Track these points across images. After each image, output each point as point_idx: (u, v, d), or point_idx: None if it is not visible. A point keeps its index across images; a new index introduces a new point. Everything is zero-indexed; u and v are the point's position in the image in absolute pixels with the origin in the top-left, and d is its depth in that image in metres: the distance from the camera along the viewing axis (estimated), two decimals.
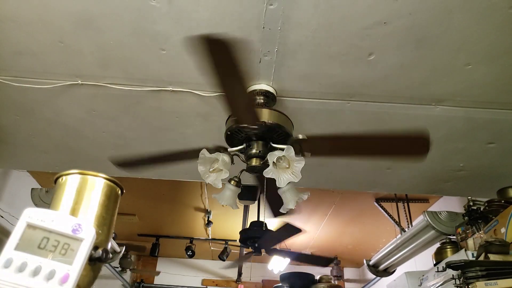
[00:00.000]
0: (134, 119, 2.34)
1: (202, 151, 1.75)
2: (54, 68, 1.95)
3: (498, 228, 2.22)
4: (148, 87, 2.04)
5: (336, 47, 1.73)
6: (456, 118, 2.17)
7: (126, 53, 1.83)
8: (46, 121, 2.38)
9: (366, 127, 2.27)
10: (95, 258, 0.68)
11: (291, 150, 1.64)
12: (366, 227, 5.25)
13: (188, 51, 1.79)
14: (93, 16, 1.64)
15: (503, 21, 1.57)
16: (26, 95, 2.14)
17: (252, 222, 3.71)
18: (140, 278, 6.46)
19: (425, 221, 3.18)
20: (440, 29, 1.62)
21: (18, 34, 1.75)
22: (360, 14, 1.56)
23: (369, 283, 6.03)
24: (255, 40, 1.71)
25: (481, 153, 2.49)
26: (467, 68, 1.82)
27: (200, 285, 6.67)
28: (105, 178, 0.79)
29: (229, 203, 1.91)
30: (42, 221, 0.64)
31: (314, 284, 4.57)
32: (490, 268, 1.84)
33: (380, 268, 4.38)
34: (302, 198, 1.83)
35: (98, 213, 0.75)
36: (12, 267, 0.60)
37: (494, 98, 2.01)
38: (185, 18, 1.62)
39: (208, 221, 5.16)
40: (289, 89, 2.01)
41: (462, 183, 2.87)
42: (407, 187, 3.08)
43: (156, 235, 5.94)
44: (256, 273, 6.65)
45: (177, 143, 2.55)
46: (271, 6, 1.54)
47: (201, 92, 2.05)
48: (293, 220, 5.12)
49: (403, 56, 1.77)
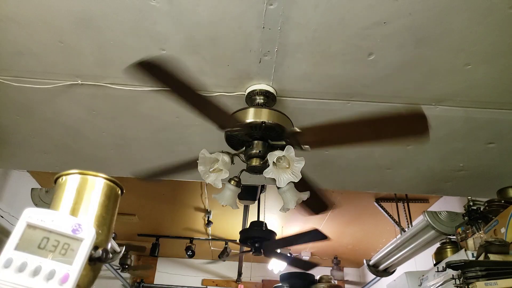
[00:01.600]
0: (134, 119, 2.34)
1: (202, 151, 1.75)
2: (54, 68, 1.95)
3: (498, 228, 2.22)
4: (148, 87, 2.04)
5: (336, 47, 1.73)
6: (456, 118, 2.17)
7: (126, 53, 1.83)
8: (46, 121, 2.38)
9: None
10: (95, 258, 0.67)
11: (291, 150, 1.64)
12: (366, 227, 5.25)
13: (188, 51, 1.79)
14: (93, 16, 1.64)
15: (503, 21, 1.57)
16: (26, 95, 2.14)
17: (252, 222, 3.71)
18: (140, 278, 6.46)
19: (425, 221, 3.18)
20: (440, 29, 1.62)
21: (18, 34, 1.75)
22: (360, 14, 1.56)
23: (369, 283, 6.03)
24: (255, 40, 1.71)
25: (481, 153, 2.49)
26: (467, 68, 1.82)
27: (200, 285, 6.67)
28: (105, 178, 0.79)
29: (229, 203, 1.91)
30: (42, 221, 0.64)
31: (314, 284, 4.57)
32: (490, 268, 1.84)
33: (380, 268, 4.38)
34: (302, 198, 1.83)
35: (98, 213, 0.75)
36: (12, 267, 0.60)
37: (494, 98, 2.01)
38: (185, 18, 1.62)
39: (208, 221, 5.16)
40: (289, 89, 2.01)
41: (462, 183, 2.87)
42: (407, 187, 3.08)
43: (156, 235, 5.94)
44: (256, 273, 6.65)
45: (177, 143, 2.55)
46: (271, 6, 1.54)
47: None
48: (293, 220, 5.14)
49: (403, 56, 1.77)
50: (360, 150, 2.54)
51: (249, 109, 1.84)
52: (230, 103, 2.08)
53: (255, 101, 1.97)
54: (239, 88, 2.01)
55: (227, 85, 2.00)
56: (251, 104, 1.99)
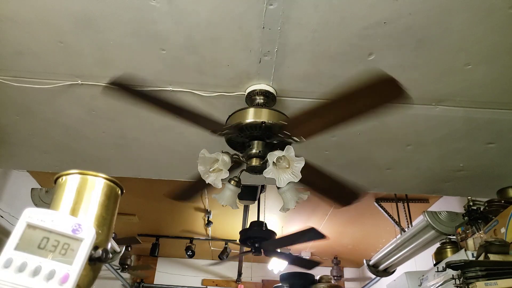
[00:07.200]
0: (134, 119, 2.34)
1: (202, 151, 1.75)
2: (54, 68, 1.95)
3: (498, 228, 2.22)
4: (147, 87, 2.04)
5: (336, 47, 1.73)
6: (456, 118, 2.17)
7: (126, 53, 1.83)
8: (46, 121, 2.38)
9: (366, 127, 2.27)
10: (95, 258, 0.67)
11: (291, 150, 1.64)
12: (366, 227, 5.25)
13: (188, 51, 1.79)
14: (93, 16, 1.64)
15: (503, 21, 1.57)
16: (26, 95, 2.14)
17: (252, 222, 3.71)
18: (140, 278, 6.46)
19: (425, 221, 3.18)
20: (440, 29, 1.62)
21: (18, 34, 1.75)
22: (360, 14, 1.56)
23: (369, 283, 6.03)
24: (255, 40, 1.71)
25: (481, 153, 2.49)
26: (467, 68, 1.82)
27: (200, 285, 6.67)
28: (105, 178, 0.79)
29: (229, 203, 1.91)
30: (42, 221, 0.64)
31: (314, 284, 4.56)
32: (490, 268, 1.84)
33: (380, 268, 4.38)
34: (302, 198, 1.83)
35: (98, 213, 0.75)
36: (12, 267, 0.60)
37: (494, 98, 2.01)
38: (185, 18, 1.62)
39: (208, 221, 5.16)
40: (289, 89, 2.01)
41: (462, 183, 2.87)
42: (407, 187, 3.08)
43: (156, 235, 5.94)
44: (256, 273, 6.65)
45: (177, 143, 2.55)
46: (271, 6, 1.54)
47: (201, 92, 2.05)
48: (293, 220, 5.15)
49: (403, 56, 1.77)
50: (360, 150, 2.54)
51: (249, 109, 1.85)
52: (230, 103, 2.08)
53: (255, 101, 1.97)
54: (239, 88, 2.01)
55: (227, 85, 2.00)
56: (251, 104, 1.99)
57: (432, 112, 2.12)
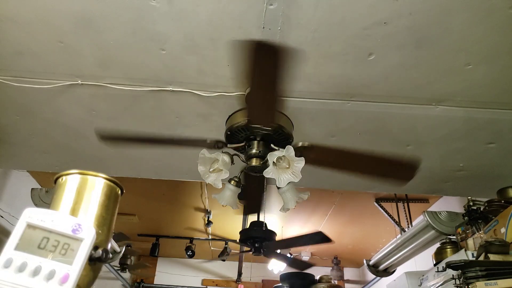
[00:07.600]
0: (134, 119, 2.33)
1: (202, 151, 1.75)
2: (54, 68, 1.95)
3: (498, 228, 2.22)
4: (148, 87, 2.04)
5: (336, 47, 1.73)
6: (456, 118, 2.17)
7: (126, 53, 1.83)
8: (46, 121, 2.38)
9: (366, 127, 2.27)
10: (95, 258, 0.67)
11: (291, 150, 1.64)
12: (366, 227, 5.25)
13: (188, 51, 1.79)
14: (93, 16, 1.64)
15: (503, 21, 1.57)
16: (26, 95, 2.14)
17: (252, 222, 3.70)
18: (140, 278, 6.46)
19: (425, 221, 3.18)
20: (440, 29, 1.62)
21: (18, 34, 1.75)
22: (360, 14, 1.56)
23: (369, 283, 6.03)
24: (255, 40, 1.70)
25: (481, 153, 2.49)
26: (467, 68, 1.82)
27: (200, 285, 6.67)
28: (105, 178, 0.79)
29: (229, 203, 1.91)
30: (42, 221, 0.64)
31: (314, 284, 4.56)
32: (490, 268, 1.84)
33: (380, 268, 4.38)
34: (302, 198, 1.83)
35: (98, 213, 0.75)
36: (12, 267, 0.60)
37: (494, 98, 2.01)
38: (185, 18, 1.62)
39: (208, 221, 5.16)
40: (289, 89, 2.01)
41: (462, 183, 2.87)
42: (407, 187, 3.08)
43: (156, 235, 5.94)
44: (256, 273, 6.65)
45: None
46: (271, 6, 1.54)
47: (201, 92, 2.05)
48: (293, 220, 5.14)
49: (403, 56, 1.77)
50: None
51: None
52: (230, 103, 2.08)
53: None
54: (239, 88, 2.01)
55: (227, 85, 2.00)
56: None
57: (432, 112, 2.12)
